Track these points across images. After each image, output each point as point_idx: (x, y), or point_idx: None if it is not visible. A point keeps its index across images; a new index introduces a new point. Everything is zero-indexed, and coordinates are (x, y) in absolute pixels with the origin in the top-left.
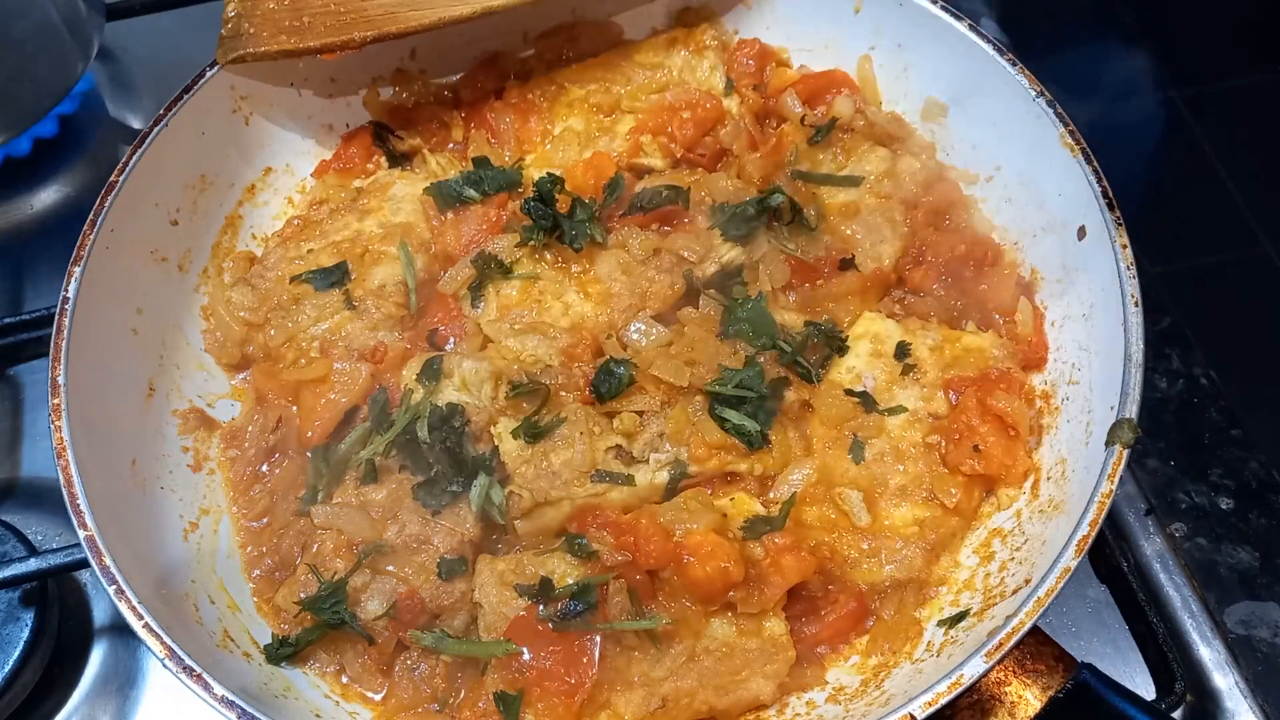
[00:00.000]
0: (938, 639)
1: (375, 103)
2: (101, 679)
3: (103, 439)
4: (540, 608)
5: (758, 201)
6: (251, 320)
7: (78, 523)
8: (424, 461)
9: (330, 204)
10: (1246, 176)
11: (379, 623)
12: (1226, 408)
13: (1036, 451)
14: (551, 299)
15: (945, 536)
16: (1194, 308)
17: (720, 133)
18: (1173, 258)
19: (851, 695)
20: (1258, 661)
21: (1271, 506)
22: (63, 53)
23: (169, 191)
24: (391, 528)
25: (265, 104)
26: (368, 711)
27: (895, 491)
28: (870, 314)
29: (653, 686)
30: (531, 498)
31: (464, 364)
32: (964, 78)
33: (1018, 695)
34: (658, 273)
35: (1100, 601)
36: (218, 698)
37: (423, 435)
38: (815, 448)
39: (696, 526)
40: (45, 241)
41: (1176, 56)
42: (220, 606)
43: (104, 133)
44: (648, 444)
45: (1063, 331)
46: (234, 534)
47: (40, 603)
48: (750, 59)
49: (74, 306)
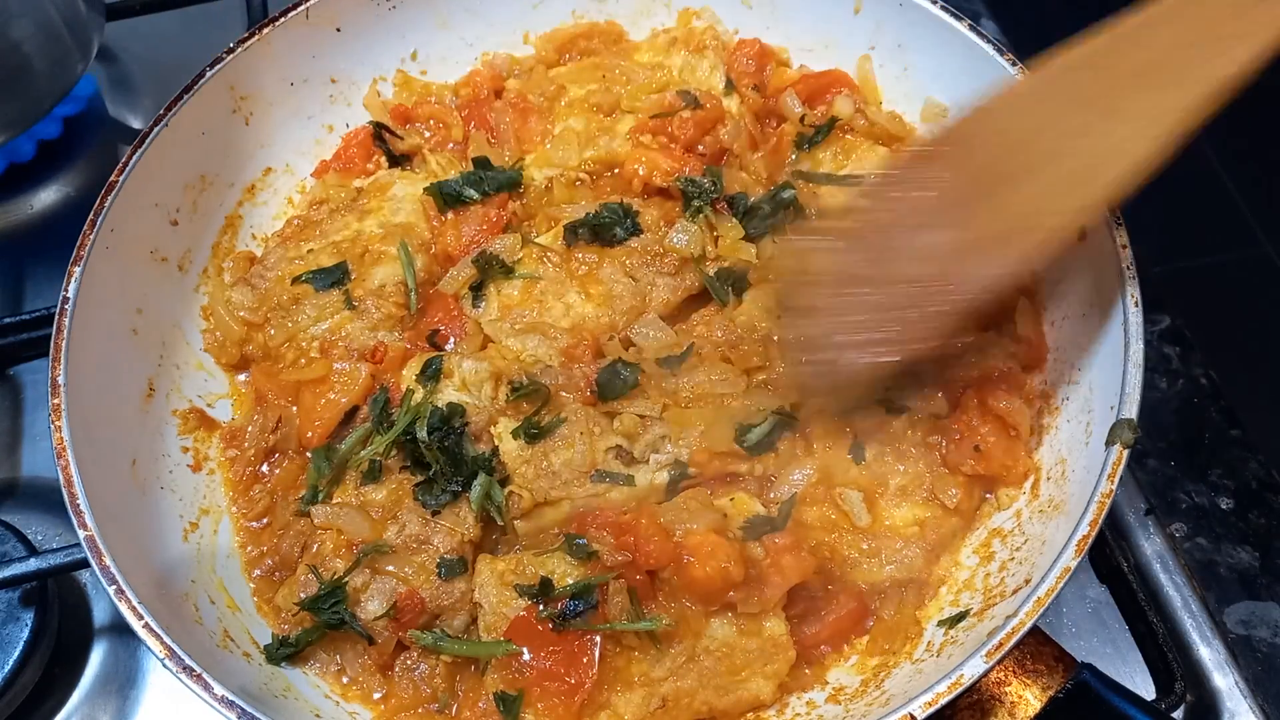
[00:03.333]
0: (938, 639)
1: (375, 102)
2: (101, 679)
3: (103, 439)
4: (540, 608)
5: (770, 197)
6: (251, 320)
7: (78, 523)
8: (424, 462)
9: (330, 204)
10: (1246, 176)
11: (379, 623)
12: (1226, 408)
13: (1036, 451)
14: (553, 299)
15: (945, 537)
16: (1194, 308)
17: (720, 133)
18: (1173, 258)
19: (851, 695)
20: (1258, 661)
21: (1271, 506)
22: (63, 53)
23: (169, 191)
24: (391, 528)
25: (265, 104)
26: (368, 711)
27: (895, 492)
28: None
29: (653, 687)
30: (531, 498)
31: (464, 364)
32: (964, 78)
33: (1018, 695)
34: (659, 275)
35: (1100, 601)
36: (218, 698)
37: (422, 436)
38: (815, 448)
39: (696, 526)
40: (45, 241)
41: None
42: (220, 606)
43: (104, 133)
44: (649, 445)
45: (1063, 331)
46: (234, 534)
47: (40, 603)
48: (750, 59)
49: (74, 306)
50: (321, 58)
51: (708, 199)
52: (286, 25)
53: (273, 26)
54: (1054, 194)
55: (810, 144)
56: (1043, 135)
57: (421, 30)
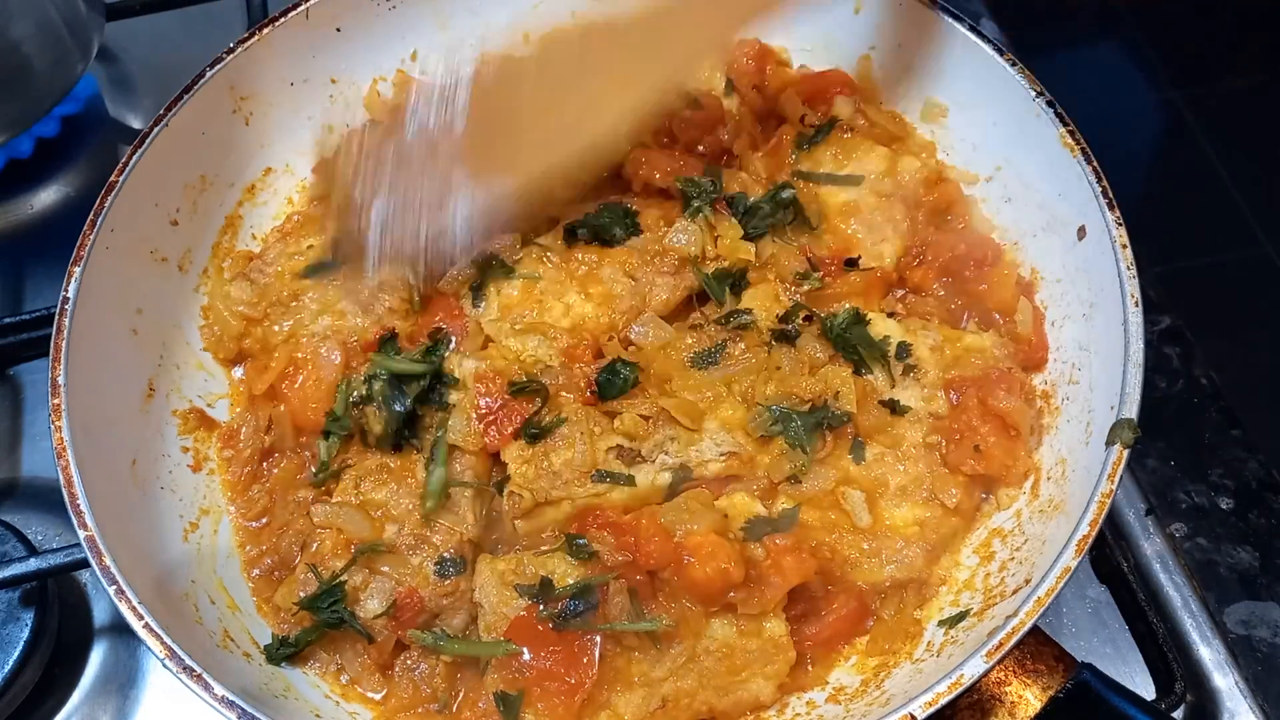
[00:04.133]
0: (938, 639)
1: (375, 102)
2: (101, 679)
3: (102, 439)
4: (540, 608)
5: (770, 197)
6: (250, 315)
7: (78, 523)
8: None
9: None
10: (1246, 176)
11: (378, 621)
12: (1226, 408)
13: (1036, 451)
14: (553, 299)
15: (946, 537)
16: (1194, 308)
17: (720, 133)
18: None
19: (851, 695)
20: (1258, 661)
21: (1271, 506)
22: (63, 53)
23: (169, 191)
24: (391, 527)
25: (265, 104)
26: (368, 711)
27: (896, 492)
28: (872, 314)
29: (653, 687)
30: (532, 498)
31: (465, 363)
32: (964, 78)
33: (1018, 695)
34: (659, 275)
35: (1100, 601)
36: (218, 698)
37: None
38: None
39: (697, 527)
40: (45, 241)
41: (1176, 56)
42: (220, 606)
43: (104, 133)
44: (657, 445)
45: (1063, 331)
46: (234, 534)
47: (40, 603)
48: (750, 59)
49: (74, 306)
50: (321, 58)
51: (708, 199)
52: (286, 25)
53: (273, 26)
54: (542, 143)
55: (810, 144)
56: (545, 91)
57: (421, 30)
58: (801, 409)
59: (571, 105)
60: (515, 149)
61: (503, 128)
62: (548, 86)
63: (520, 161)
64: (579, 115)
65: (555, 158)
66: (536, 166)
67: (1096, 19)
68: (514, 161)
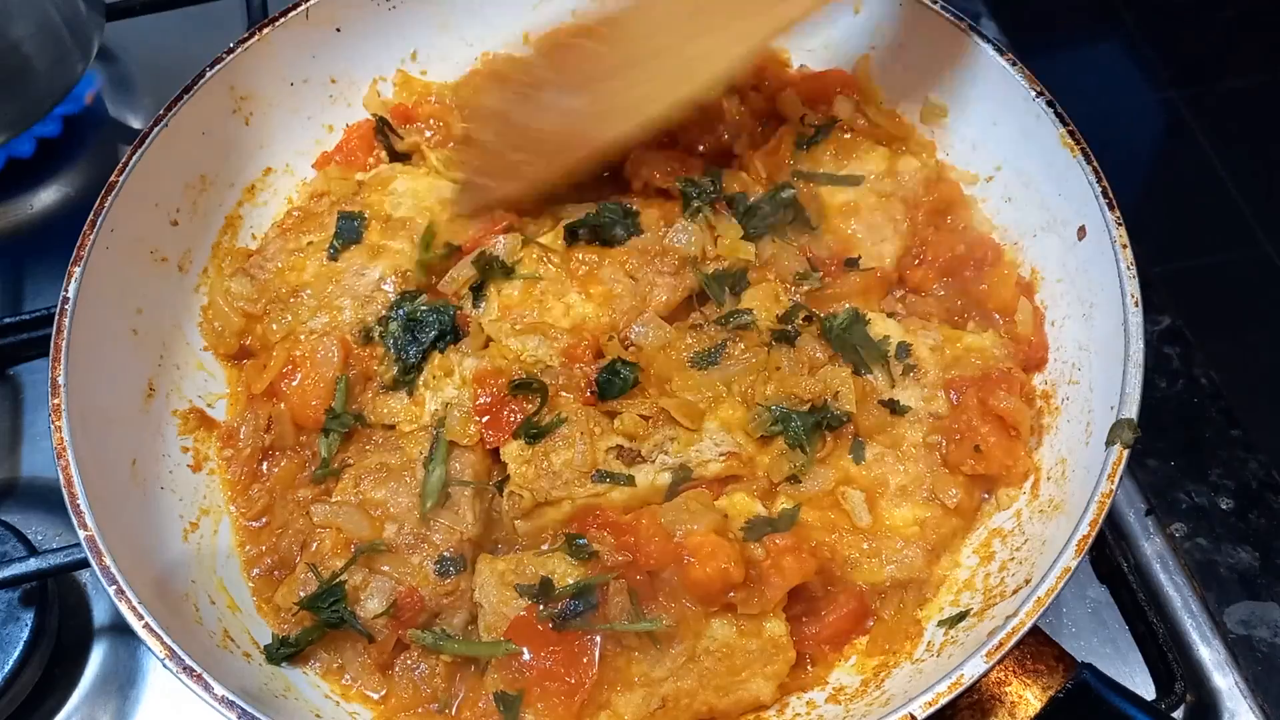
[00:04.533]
0: (938, 639)
1: (375, 102)
2: (101, 679)
3: (103, 439)
4: (540, 608)
5: (770, 197)
6: (250, 311)
7: (78, 523)
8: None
9: (331, 196)
10: (1246, 176)
11: (378, 621)
12: (1226, 408)
13: (1036, 451)
14: (553, 300)
15: (946, 537)
16: (1194, 308)
17: (720, 133)
18: (1173, 258)
19: (851, 695)
20: (1258, 661)
21: (1271, 506)
22: (63, 53)
23: (169, 191)
24: (390, 526)
25: (265, 104)
26: (368, 711)
27: (896, 492)
28: (872, 314)
29: (653, 687)
30: (532, 498)
31: (465, 362)
32: (964, 78)
33: (1018, 695)
34: (659, 275)
35: (1100, 601)
36: (218, 698)
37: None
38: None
39: (697, 527)
40: (45, 241)
41: (1176, 56)
42: (220, 606)
43: (104, 133)
44: (657, 445)
45: (1063, 331)
46: (234, 534)
47: (40, 603)
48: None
49: (74, 306)
50: (321, 58)
51: (708, 199)
52: (286, 25)
53: (273, 26)
54: (659, 84)
55: (810, 144)
56: (660, 33)
57: (421, 30)
58: (801, 409)
59: (688, 51)
60: (635, 86)
61: (632, 62)
62: (668, 29)
63: (639, 101)
64: (691, 62)
65: (673, 98)
66: (655, 109)
67: (1096, 19)
68: (634, 101)
